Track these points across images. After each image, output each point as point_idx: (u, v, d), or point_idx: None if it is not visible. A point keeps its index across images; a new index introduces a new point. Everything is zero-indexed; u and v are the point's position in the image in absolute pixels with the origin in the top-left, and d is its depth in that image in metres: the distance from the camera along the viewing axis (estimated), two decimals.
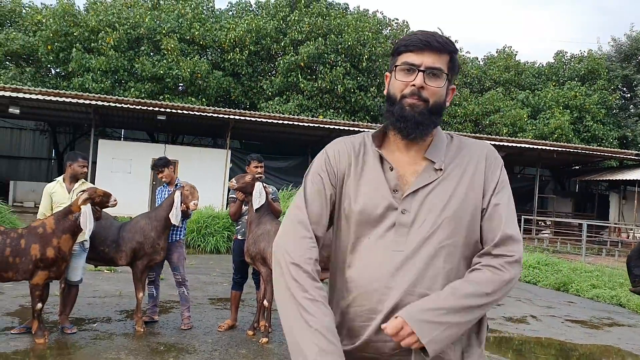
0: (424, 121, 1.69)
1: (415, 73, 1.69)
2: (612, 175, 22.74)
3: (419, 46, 1.69)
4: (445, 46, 1.71)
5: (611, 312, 9.46)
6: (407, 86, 1.70)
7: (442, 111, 1.76)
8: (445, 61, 1.72)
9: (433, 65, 1.69)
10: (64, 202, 5.98)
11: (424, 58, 1.69)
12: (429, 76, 1.69)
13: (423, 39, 1.69)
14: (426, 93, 1.69)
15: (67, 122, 24.00)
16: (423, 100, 1.69)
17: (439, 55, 1.70)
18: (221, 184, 18.91)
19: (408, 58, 1.71)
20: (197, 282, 9.30)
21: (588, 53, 31.22)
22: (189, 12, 24.80)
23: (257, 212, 6.12)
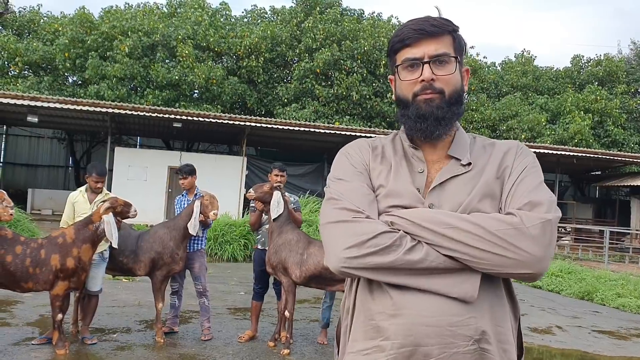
0: (445, 115, 1.56)
1: (420, 67, 1.55)
2: (633, 181, 22.38)
3: (414, 37, 1.56)
4: (442, 27, 1.57)
5: (638, 322, 9.23)
6: (416, 83, 1.56)
7: (461, 99, 1.62)
8: (448, 43, 1.58)
9: (436, 52, 1.55)
10: (85, 212, 5.92)
11: (424, 48, 1.55)
12: (436, 65, 1.55)
13: (416, 28, 1.56)
14: (439, 84, 1.55)
15: (84, 130, 24.11)
16: (438, 92, 1.56)
17: (439, 39, 1.56)
18: (237, 192, 18.85)
19: (407, 53, 1.58)
20: (215, 291, 9.20)
21: (605, 56, 30.87)
22: (206, 19, 24.86)
23: (277, 221, 6.02)
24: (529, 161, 1.59)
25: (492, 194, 1.54)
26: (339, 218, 1.51)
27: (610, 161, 22.86)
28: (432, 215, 1.47)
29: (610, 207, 26.53)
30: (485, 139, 1.70)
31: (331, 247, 1.50)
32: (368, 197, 1.56)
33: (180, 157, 18.82)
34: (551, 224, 1.43)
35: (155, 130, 22.30)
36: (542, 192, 1.50)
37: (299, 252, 5.91)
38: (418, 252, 1.43)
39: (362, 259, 1.44)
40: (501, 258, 1.40)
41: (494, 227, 1.41)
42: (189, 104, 22.86)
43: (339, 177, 1.62)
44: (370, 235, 1.44)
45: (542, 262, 1.41)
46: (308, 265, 5.84)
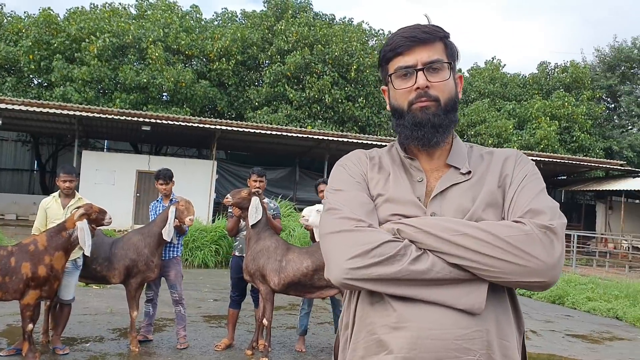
0: (442, 122, 1.53)
1: (414, 75, 1.52)
2: (598, 186, 22.84)
3: (406, 45, 1.53)
4: (434, 34, 1.54)
5: (609, 325, 9.38)
6: (411, 91, 1.53)
7: (456, 106, 1.59)
8: (440, 50, 1.55)
9: (430, 59, 1.52)
10: (58, 218, 5.74)
11: (417, 55, 1.52)
12: (430, 72, 1.52)
13: (408, 36, 1.53)
14: (434, 91, 1.52)
15: (49, 133, 23.58)
16: (433, 99, 1.52)
17: (431, 46, 1.53)
18: (207, 196, 18.63)
19: (400, 62, 1.54)
20: (189, 298, 9.01)
21: (571, 63, 31.50)
22: (176, 21, 24.59)
23: (255, 227, 5.93)
24: (528, 169, 1.56)
25: (495, 203, 1.50)
26: (341, 227, 1.45)
27: (576, 166, 23.30)
28: (440, 222, 1.42)
29: (576, 212, 27.03)
30: (482, 148, 1.67)
31: (333, 258, 1.44)
32: (368, 206, 1.52)
33: (149, 161, 18.54)
34: (556, 231, 1.39)
35: (123, 134, 21.93)
36: (543, 200, 1.47)
37: (277, 259, 5.83)
38: (424, 262, 1.38)
39: (365, 270, 1.38)
40: (513, 266, 1.35)
41: (505, 233, 1.37)
42: (158, 107, 22.55)
43: (337, 188, 1.58)
44: (374, 244, 1.39)
45: (554, 270, 1.37)
46: (287, 272, 5.76)
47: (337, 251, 1.43)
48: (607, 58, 32.47)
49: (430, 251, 1.39)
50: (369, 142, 19.28)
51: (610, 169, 23.96)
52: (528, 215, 1.42)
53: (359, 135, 20.57)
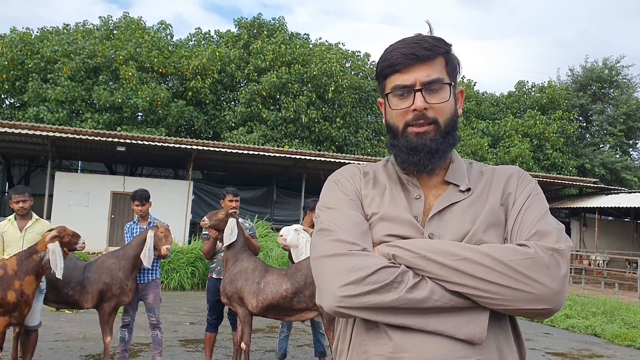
0: (439, 147, 1.44)
1: (411, 95, 1.42)
2: (572, 203, 23.11)
3: (404, 63, 1.43)
4: (435, 50, 1.44)
5: (588, 342, 9.38)
6: (408, 112, 1.44)
7: (456, 125, 1.50)
8: (441, 67, 1.45)
9: (429, 78, 1.42)
10: (15, 242, 5.56)
11: (416, 74, 1.42)
12: (429, 92, 1.42)
13: (407, 52, 1.42)
14: (432, 113, 1.43)
15: (21, 154, 23.19)
16: (431, 122, 1.43)
17: (431, 63, 1.43)
18: (183, 217, 18.43)
19: (397, 80, 1.44)
20: (165, 322, 8.78)
21: (548, 83, 32.06)
22: (148, 39, 24.48)
23: (232, 249, 5.80)
24: (532, 188, 1.48)
25: (497, 223, 1.42)
26: (334, 251, 1.36)
27: (550, 184, 23.55)
28: (439, 245, 1.34)
29: None
30: (482, 165, 1.59)
31: (325, 285, 1.34)
32: (362, 227, 1.43)
33: (124, 182, 18.31)
34: (563, 254, 1.31)
35: (97, 155, 21.67)
36: (549, 221, 1.39)
37: (255, 280, 5.71)
38: (422, 289, 1.29)
39: (360, 298, 1.29)
40: (516, 292, 1.27)
41: (508, 257, 1.29)
42: (132, 127, 22.34)
43: (329, 206, 1.48)
44: (369, 270, 1.30)
45: (559, 296, 1.29)
46: (265, 294, 5.64)
47: (329, 277, 1.34)
48: (579, 78, 33.12)
49: (429, 278, 1.31)
50: (347, 160, 19.28)
51: (584, 187, 24.27)
52: (534, 237, 1.35)
53: (336, 155, 20.57)
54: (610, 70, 32.25)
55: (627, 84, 32.46)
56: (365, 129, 26.48)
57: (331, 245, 1.38)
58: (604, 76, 32.01)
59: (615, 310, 11.11)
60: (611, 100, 32.38)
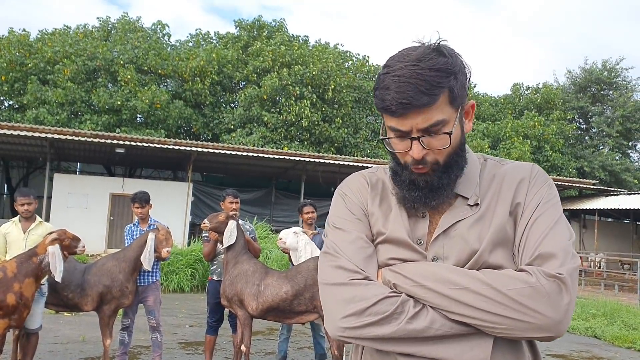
0: (442, 183, 1.37)
1: (408, 141, 1.33)
2: (572, 205, 23.11)
3: (399, 113, 1.29)
4: (435, 91, 1.27)
5: (588, 344, 9.37)
6: (407, 154, 1.36)
7: (462, 152, 1.41)
8: (443, 104, 1.30)
9: (427, 124, 1.30)
10: (18, 243, 5.56)
11: (412, 121, 1.30)
12: (428, 136, 1.32)
13: (401, 101, 1.27)
14: (432, 157, 1.35)
15: (20, 156, 23.16)
16: (431, 164, 1.36)
17: (430, 107, 1.28)
18: (183, 219, 18.40)
19: (391, 122, 1.33)
20: (165, 324, 8.75)
21: (543, 85, 32.05)
22: (142, 42, 24.48)
23: (232, 251, 5.79)
24: (543, 193, 1.38)
25: (505, 240, 1.36)
26: (335, 280, 1.37)
27: None
28: (438, 272, 1.31)
29: None
30: (496, 164, 1.49)
31: (329, 314, 1.37)
32: (366, 251, 1.42)
33: (123, 184, 18.28)
34: (566, 281, 1.25)
35: (96, 156, 21.64)
36: (555, 239, 1.31)
37: (255, 283, 5.70)
38: (422, 319, 1.28)
39: (361, 330, 1.30)
40: (516, 322, 1.24)
41: (508, 287, 1.25)
42: (131, 128, 22.33)
43: (336, 226, 1.47)
44: (369, 302, 1.30)
45: (560, 325, 1.24)
46: (265, 296, 5.63)
47: (331, 307, 1.36)
48: (578, 80, 33.14)
49: (430, 306, 1.30)
50: (346, 162, 19.27)
51: (583, 188, 24.27)
52: (537, 261, 1.29)
53: (335, 157, 20.56)
54: (610, 72, 32.26)
55: (625, 86, 32.49)
56: (365, 130, 26.47)
57: (333, 273, 1.38)
58: (603, 78, 32.02)
59: (615, 312, 11.11)
60: (610, 102, 32.41)
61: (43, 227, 5.75)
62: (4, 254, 5.60)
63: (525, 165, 1.48)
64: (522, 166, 1.47)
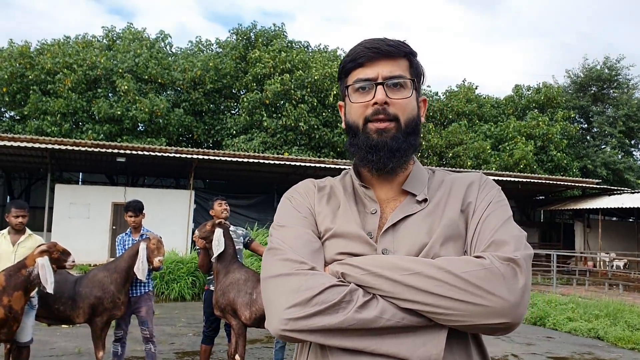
0: (400, 146, 1.38)
1: (372, 89, 1.37)
2: (575, 205, 22.96)
3: (368, 56, 1.39)
4: (399, 48, 1.41)
5: (591, 346, 9.26)
6: (368, 106, 1.38)
7: (418, 129, 1.44)
8: (404, 67, 1.41)
9: (391, 74, 1.38)
10: (6, 256, 5.51)
11: (379, 68, 1.38)
12: (391, 88, 1.38)
13: (370, 46, 1.39)
14: (393, 109, 1.37)
15: (22, 167, 23.20)
16: (392, 119, 1.37)
17: (394, 61, 1.40)
18: (185, 226, 18.39)
19: (360, 74, 1.40)
20: (162, 333, 8.77)
21: (544, 84, 31.91)
22: (145, 51, 24.54)
23: (222, 260, 5.74)
24: (493, 195, 1.41)
25: (456, 235, 1.34)
26: (280, 271, 1.29)
27: (553, 186, 23.42)
28: (389, 260, 1.26)
29: (555, 231, 27.12)
30: (445, 173, 1.52)
31: (271, 307, 1.28)
32: (313, 245, 1.36)
33: (125, 193, 18.27)
34: (520, 263, 1.23)
35: (98, 166, 21.64)
36: (508, 230, 1.31)
37: (247, 291, 5.65)
38: (372, 308, 1.21)
39: (306, 321, 1.21)
40: (471, 306, 1.18)
41: (462, 269, 1.21)
42: (133, 137, 22.36)
43: (280, 224, 1.43)
44: (315, 290, 1.23)
45: (518, 309, 1.20)
46: (258, 305, 5.58)
47: (275, 299, 1.27)
48: (578, 79, 32.98)
49: (380, 296, 1.24)
50: (346, 166, 19.06)
51: (587, 188, 24.12)
52: (491, 248, 1.27)
53: (336, 161, 20.50)
54: (611, 70, 32.10)
55: (627, 84, 32.31)
56: None
57: (278, 265, 1.31)
58: (604, 76, 31.87)
59: (618, 312, 10.97)
60: (611, 100, 32.24)
61: (32, 240, 5.70)
62: None
63: (474, 173, 1.52)
64: (472, 174, 1.52)
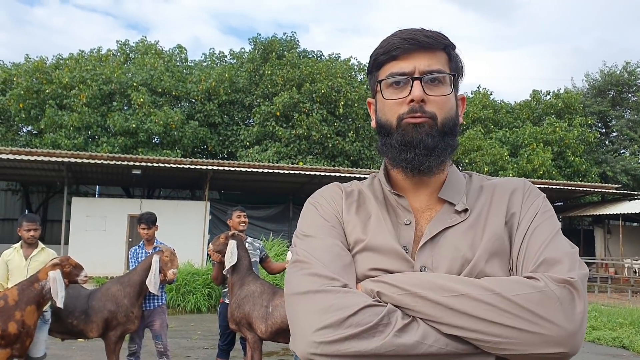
0: (437, 145, 1.24)
1: (409, 85, 1.24)
2: (595, 210, 22.63)
3: (404, 47, 1.25)
4: (438, 40, 1.26)
5: (616, 355, 9.02)
6: (403, 104, 1.25)
7: (456, 130, 1.30)
8: (443, 61, 1.28)
9: (430, 68, 1.24)
10: (19, 270, 5.47)
11: (416, 62, 1.24)
12: (429, 84, 1.24)
13: (406, 37, 1.25)
14: (431, 107, 1.24)
15: (39, 181, 23.41)
16: (429, 116, 1.23)
17: (432, 54, 1.26)
18: (200, 238, 18.35)
19: (394, 67, 1.26)
20: (177, 347, 8.68)
21: (565, 90, 31.61)
22: (162, 65, 24.70)
23: (237, 273, 5.64)
24: (539, 205, 1.27)
25: (501, 250, 1.21)
26: (309, 287, 1.15)
27: (571, 192, 23.12)
28: (430, 280, 1.14)
29: (575, 237, 26.74)
30: (483, 178, 1.38)
31: (298, 328, 1.14)
32: (344, 259, 1.22)
33: (141, 205, 18.28)
34: (577, 286, 1.10)
35: (113, 179, 21.76)
36: (559, 246, 1.18)
37: (263, 304, 5.54)
38: (412, 333, 1.08)
39: (339, 345, 1.07)
40: (525, 334, 1.05)
41: (514, 292, 1.08)
42: (148, 150, 22.46)
43: (306, 234, 1.28)
44: (349, 311, 1.09)
45: (576, 337, 1.07)
46: (274, 318, 5.46)
47: (303, 319, 1.13)
48: (597, 83, 32.64)
49: (421, 319, 1.11)
50: (362, 175, 19.06)
51: (607, 194, 23.79)
52: (542, 267, 1.14)
53: (351, 170, 20.39)
54: (630, 75, 31.73)
55: None
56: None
57: (306, 281, 1.17)
58: (623, 80, 31.50)
59: None
60: (631, 104, 31.84)
61: (45, 253, 5.66)
62: (6, 282, 5.52)
63: (516, 179, 1.37)
64: (514, 179, 1.36)
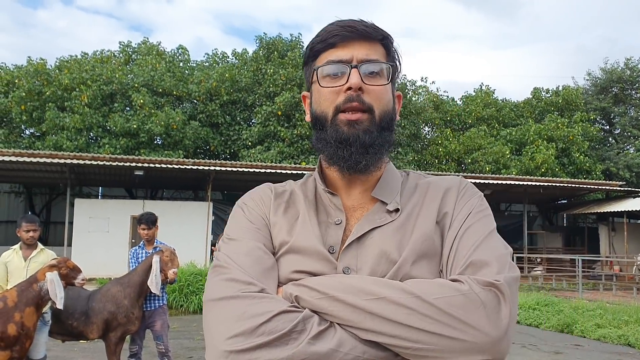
0: (374, 141, 1.18)
1: (346, 74, 1.18)
2: (599, 208, 22.53)
3: (342, 35, 1.19)
4: (377, 31, 1.22)
5: (622, 354, 8.95)
6: (340, 93, 1.18)
7: (392, 125, 1.24)
8: (381, 53, 1.23)
9: (368, 57, 1.19)
10: (18, 271, 5.44)
11: (354, 50, 1.19)
12: (367, 75, 1.18)
13: (345, 25, 1.20)
14: (368, 98, 1.18)
15: (42, 182, 23.41)
16: (366, 109, 1.18)
17: (370, 44, 1.21)
18: (203, 238, 18.34)
19: (331, 55, 1.21)
20: (180, 347, 8.65)
21: (563, 87, 31.51)
22: (163, 65, 24.70)
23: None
24: (474, 204, 1.21)
25: (431, 252, 1.16)
26: (224, 294, 1.08)
27: (575, 189, 23.03)
28: (350, 282, 1.08)
29: (579, 235, 26.66)
30: (420, 176, 1.32)
31: (210, 336, 1.07)
32: (265, 263, 1.16)
33: (144, 206, 18.27)
34: (502, 289, 1.04)
35: (116, 180, 21.76)
36: (490, 247, 1.12)
37: None
38: (328, 340, 1.02)
39: (250, 354, 1.00)
40: (444, 340, 1.00)
41: (433, 294, 1.02)
42: (150, 150, 22.45)
43: (230, 237, 1.22)
44: (262, 318, 1.02)
45: (500, 344, 1.02)
46: None
47: (215, 327, 1.06)
48: (599, 80, 32.50)
49: (338, 324, 1.05)
50: None
51: (611, 191, 23.68)
52: (469, 270, 1.09)
53: None
54: (632, 71, 31.59)
55: None
56: None
57: (222, 286, 1.10)
58: (625, 77, 31.37)
59: None
60: (634, 101, 31.70)
61: (45, 255, 5.63)
62: (5, 283, 5.49)
63: (452, 177, 1.30)
64: (449, 177, 1.29)
